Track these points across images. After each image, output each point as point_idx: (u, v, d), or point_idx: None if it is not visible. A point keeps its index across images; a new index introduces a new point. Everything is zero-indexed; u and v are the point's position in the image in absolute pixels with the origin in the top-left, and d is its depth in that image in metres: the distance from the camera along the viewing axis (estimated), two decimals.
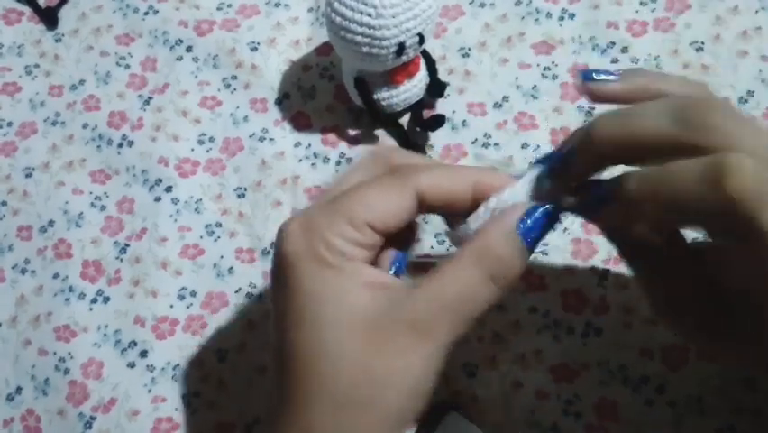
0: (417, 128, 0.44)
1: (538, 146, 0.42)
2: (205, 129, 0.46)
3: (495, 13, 0.47)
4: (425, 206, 0.26)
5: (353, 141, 0.44)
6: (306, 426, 0.24)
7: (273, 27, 0.48)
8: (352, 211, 0.25)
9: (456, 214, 0.27)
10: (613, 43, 0.44)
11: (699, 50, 0.43)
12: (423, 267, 0.39)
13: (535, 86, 0.44)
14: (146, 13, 0.50)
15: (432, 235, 0.41)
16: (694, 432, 0.35)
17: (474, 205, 0.26)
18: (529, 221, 0.25)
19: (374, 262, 0.27)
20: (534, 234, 0.25)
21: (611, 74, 0.26)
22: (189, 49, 0.48)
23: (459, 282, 0.24)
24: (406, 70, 0.41)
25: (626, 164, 0.26)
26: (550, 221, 0.25)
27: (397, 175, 0.26)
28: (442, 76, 0.44)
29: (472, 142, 0.43)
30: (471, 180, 0.26)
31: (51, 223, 0.44)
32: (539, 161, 0.28)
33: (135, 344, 0.40)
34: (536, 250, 0.39)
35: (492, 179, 0.26)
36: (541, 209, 0.25)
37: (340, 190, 0.26)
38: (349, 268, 0.24)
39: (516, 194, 0.26)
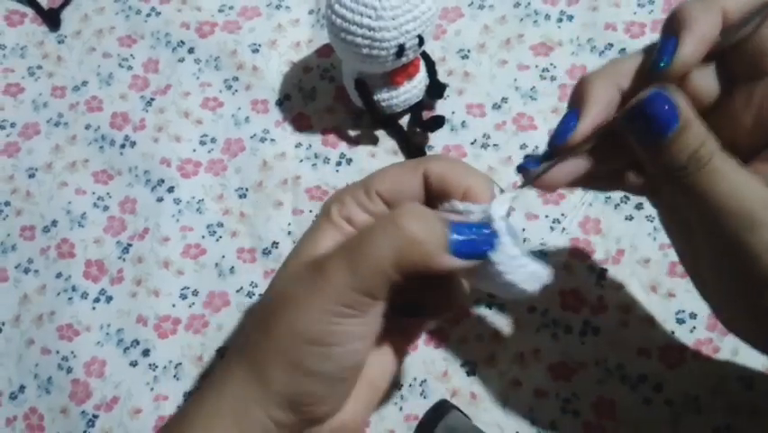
0: (417, 129, 0.44)
1: (537, 147, 0.42)
2: (206, 130, 0.46)
3: (494, 15, 0.47)
4: (429, 188, 0.27)
5: (354, 142, 0.45)
6: (243, 333, 0.28)
7: (274, 29, 0.49)
8: (369, 181, 0.27)
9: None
10: (611, 45, 0.45)
11: None
12: None
13: (534, 87, 0.44)
14: (148, 15, 0.50)
15: None
16: (691, 430, 0.35)
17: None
18: (463, 225, 0.24)
19: None
20: (461, 235, 0.24)
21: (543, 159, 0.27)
22: (191, 50, 0.49)
23: (364, 230, 0.25)
24: (406, 72, 0.42)
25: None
26: (482, 239, 0.24)
27: (414, 159, 0.28)
28: (441, 77, 0.45)
29: (472, 143, 0.43)
30: (466, 181, 0.26)
31: (54, 223, 0.44)
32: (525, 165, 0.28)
33: (138, 343, 0.40)
34: (533, 249, 0.39)
35: (479, 190, 0.26)
36: (481, 225, 0.25)
37: None
38: (340, 225, 0.26)
39: (482, 209, 0.25)
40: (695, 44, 0.25)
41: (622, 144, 0.27)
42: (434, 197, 0.27)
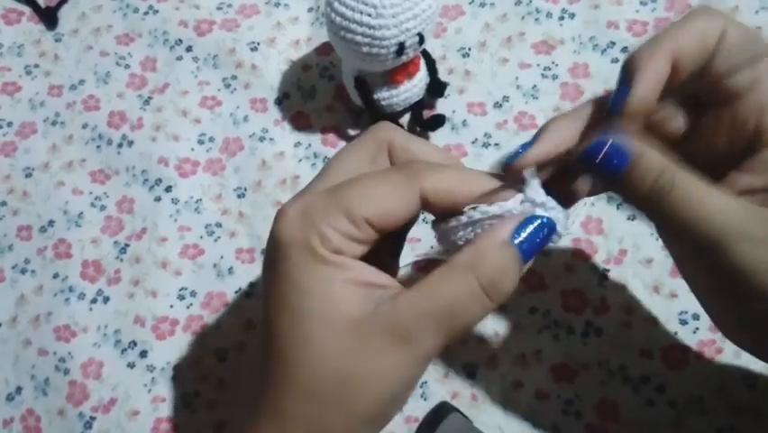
0: (418, 128, 0.44)
1: None
2: (205, 129, 0.46)
3: (495, 13, 0.47)
4: (427, 206, 0.25)
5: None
6: (278, 411, 0.24)
7: (273, 27, 0.48)
8: (351, 205, 0.24)
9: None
10: (613, 43, 0.44)
11: None
12: (425, 268, 0.40)
13: (536, 85, 0.44)
14: (146, 13, 0.50)
15: (432, 235, 0.41)
16: (695, 432, 0.35)
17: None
18: (524, 232, 0.24)
19: (367, 256, 0.26)
20: (529, 245, 0.24)
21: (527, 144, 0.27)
22: (189, 49, 0.48)
23: (447, 291, 0.23)
24: (406, 70, 0.41)
25: None
26: (546, 233, 0.25)
27: (403, 172, 0.25)
28: (442, 76, 0.44)
29: (473, 142, 0.43)
30: (479, 189, 0.25)
31: (51, 223, 0.44)
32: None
33: (135, 344, 0.40)
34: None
35: (500, 192, 0.25)
36: (537, 220, 0.24)
37: (336, 171, 0.26)
38: (340, 263, 0.24)
39: (511, 206, 0.25)
40: (644, 90, 0.26)
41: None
42: (433, 209, 0.26)
